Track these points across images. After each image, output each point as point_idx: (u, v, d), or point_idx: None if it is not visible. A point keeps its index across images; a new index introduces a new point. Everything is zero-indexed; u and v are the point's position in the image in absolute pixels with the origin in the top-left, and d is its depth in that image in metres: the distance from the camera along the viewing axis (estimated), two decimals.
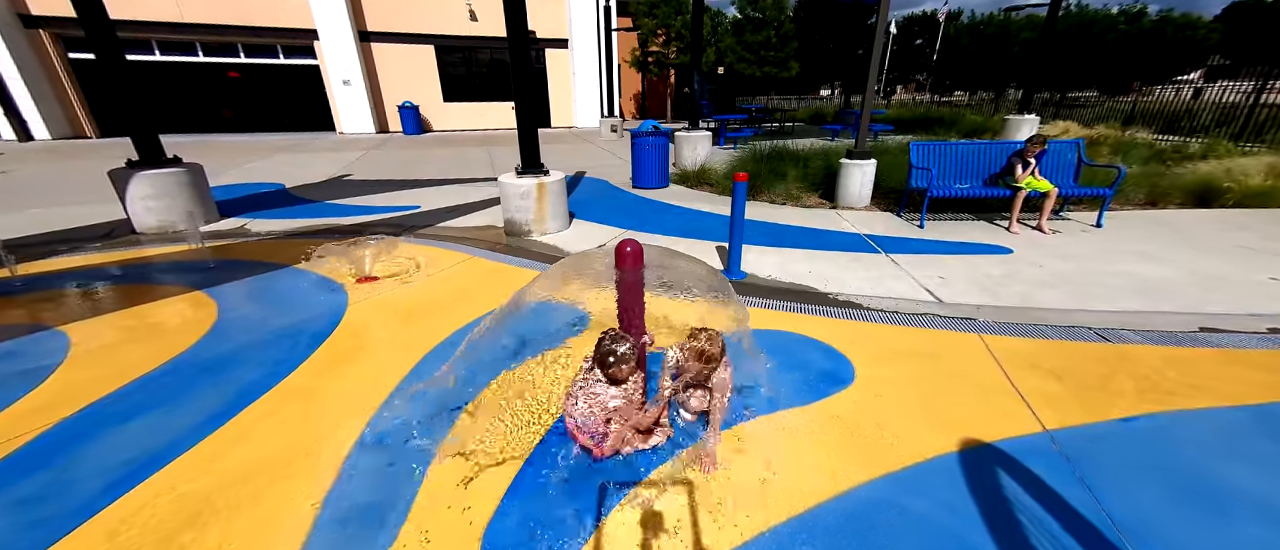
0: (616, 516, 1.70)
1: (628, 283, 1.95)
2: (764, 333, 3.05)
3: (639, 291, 2.02)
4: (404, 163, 9.97)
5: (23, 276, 3.80)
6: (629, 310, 2.01)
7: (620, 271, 1.93)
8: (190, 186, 5.41)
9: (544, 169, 5.21)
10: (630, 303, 2.00)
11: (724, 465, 1.93)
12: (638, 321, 2.06)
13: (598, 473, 1.89)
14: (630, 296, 1.99)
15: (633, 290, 1.99)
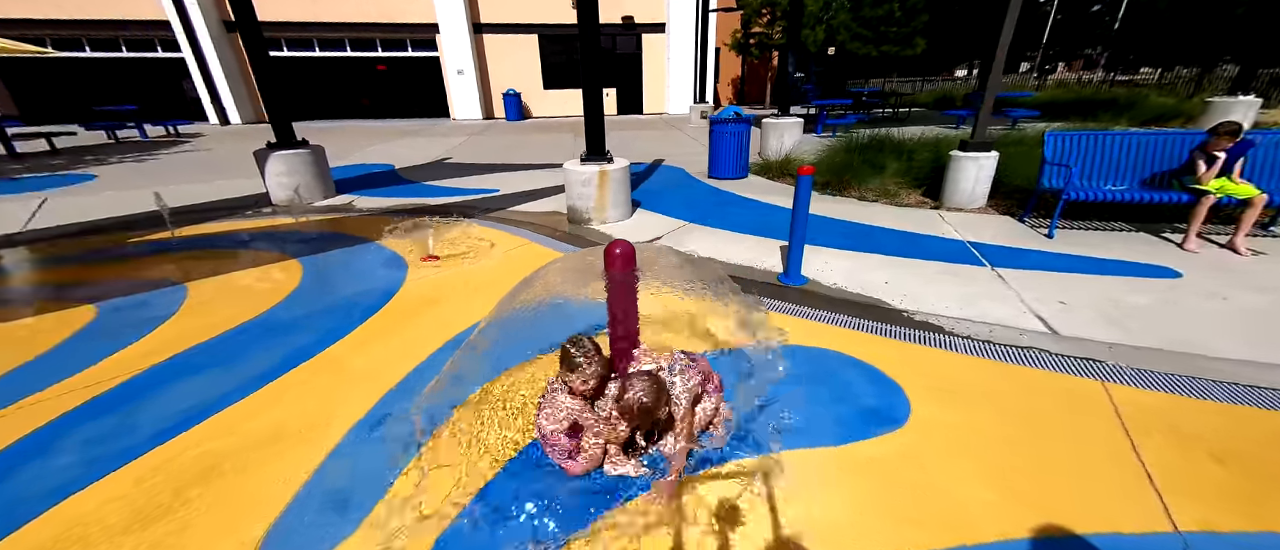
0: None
1: (618, 286, 1.76)
2: (807, 350, 2.67)
3: (631, 296, 1.82)
4: (499, 148, 10.60)
5: (179, 237, 4.64)
6: (620, 316, 1.82)
7: (609, 274, 1.75)
8: (313, 165, 6.21)
9: (608, 156, 5.12)
10: (621, 308, 1.81)
11: (695, 505, 1.68)
12: (630, 328, 1.86)
13: (571, 492, 1.75)
14: (620, 301, 1.80)
15: (623, 294, 1.79)
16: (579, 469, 1.77)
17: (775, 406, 2.18)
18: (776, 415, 2.13)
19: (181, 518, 1.63)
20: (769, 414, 2.14)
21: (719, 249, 4.28)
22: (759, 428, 2.06)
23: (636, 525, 1.62)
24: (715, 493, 1.75)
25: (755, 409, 2.17)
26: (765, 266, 3.88)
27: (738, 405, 2.16)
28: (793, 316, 3.07)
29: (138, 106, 12.53)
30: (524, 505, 1.69)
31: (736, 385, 2.31)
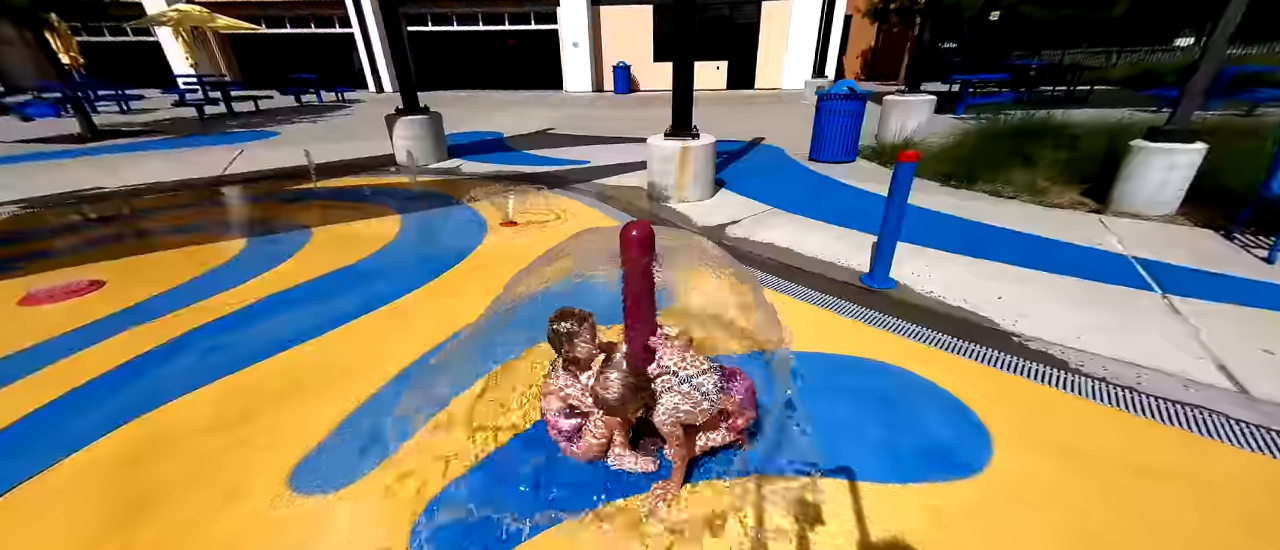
0: (548, 537, 1.51)
1: (634, 271, 1.63)
2: (875, 366, 2.30)
3: (648, 282, 1.67)
4: (600, 120, 10.78)
5: (319, 188, 5.45)
6: (636, 303, 1.69)
7: (625, 258, 1.61)
8: (430, 131, 6.86)
9: (694, 132, 4.88)
10: (636, 294, 1.67)
11: (697, 518, 1.52)
12: (646, 317, 1.72)
13: (569, 476, 1.71)
14: (635, 288, 1.66)
15: (640, 280, 1.65)
16: (579, 455, 1.72)
17: (824, 425, 1.91)
18: (823, 434, 1.86)
19: (240, 434, 1.90)
20: (817, 432, 1.87)
21: (799, 239, 3.88)
22: (797, 444, 1.81)
23: (621, 525, 1.53)
24: (725, 507, 1.58)
25: (795, 422, 1.92)
26: (849, 264, 3.43)
27: (774, 413, 1.93)
28: (867, 324, 2.67)
29: (317, 76, 14.93)
30: (520, 480, 1.69)
31: (769, 392, 2.07)
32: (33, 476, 1.72)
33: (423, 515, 1.57)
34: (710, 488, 1.67)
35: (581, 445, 1.69)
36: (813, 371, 2.25)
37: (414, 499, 1.62)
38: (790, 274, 3.34)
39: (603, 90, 17.44)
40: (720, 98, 14.85)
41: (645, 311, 1.71)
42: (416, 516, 1.56)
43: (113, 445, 1.86)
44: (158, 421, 1.98)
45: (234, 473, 1.72)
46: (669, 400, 1.55)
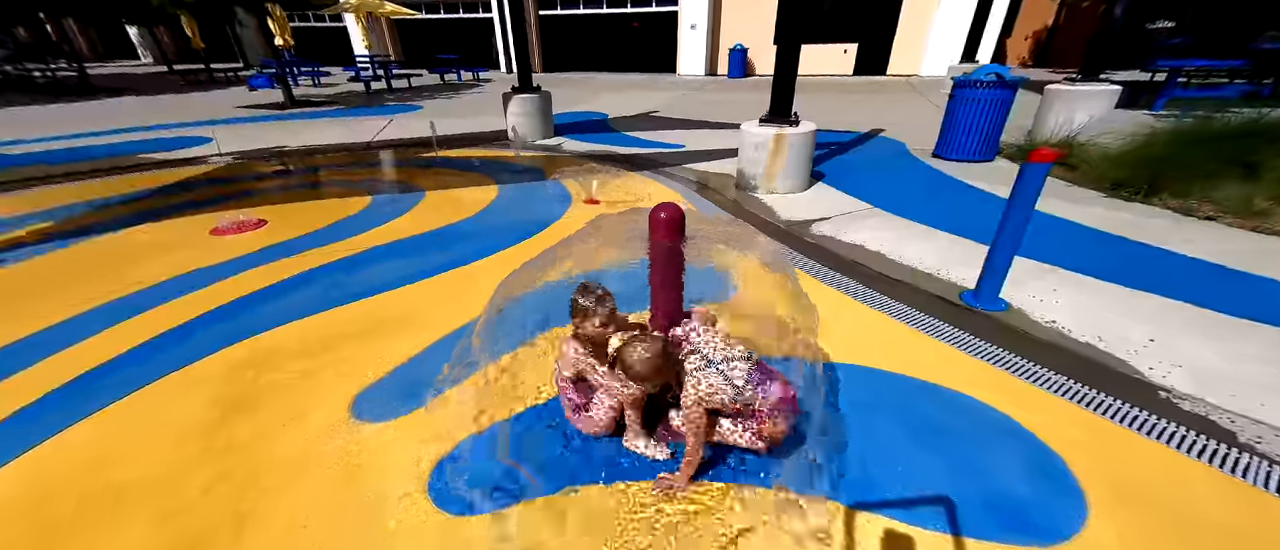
0: (530, 506, 1.54)
1: (660, 256, 1.57)
2: (954, 397, 1.99)
3: (675, 267, 1.60)
4: (708, 103, 10.54)
5: (439, 156, 6.11)
6: (662, 289, 1.63)
7: (653, 242, 1.56)
8: (539, 109, 7.28)
9: (792, 119, 4.55)
10: (664, 280, 1.62)
11: (698, 519, 1.44)
12: (673, 304, 1.66)
13: (579, 448, 1.73)
14: (662, 272, 1.60)
15: (667, 265, 1.59)
16: (583, 427, 1.73)
17: (874, 452, 1.70)
18: (869, 462, 1.66)
19: (319, 362, 2.23)
20: (862, 459, 1.68)
21: (895, 244, 3.44)
22: (835, 464, 1.64)
23: (617, 508, 1.51)
24: (728, 515, 1.49)
25: (833, 440, 1.73)
26: (951, 277, 2.97)
27: (812, 427, 1.75)
28: (958, 348, 2.30)
29: (459, 56, 16.64)
30: (537, 444, 1.76)
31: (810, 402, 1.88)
32: (179, 369, 2.20)
33: (447, 457, 1.71)
34: (720, 491, 1.57)
35: (586, 417, 1.70)
36: (874, 392, 2.01)
37: (444, 439, 1.77)
38: (875, 281, 2.98)
39: (716, 74, 17.00)
40: (844, 84, 13.63)
41: (672, 295, 1.65)
42: (443, 455, 1.71)
43: (237, 353, 2.30)
44: (271, 339, 2.40)
45: (313, 393, 2.03)
46: (694, 381, 1.49)
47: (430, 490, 1.59)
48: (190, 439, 1.81)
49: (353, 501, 1.56)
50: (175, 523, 1.50)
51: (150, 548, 1.43)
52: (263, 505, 1.55)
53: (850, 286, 2.91)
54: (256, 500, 1.57)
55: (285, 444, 1.78)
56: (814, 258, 3.32)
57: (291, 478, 1.64)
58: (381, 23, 20.45)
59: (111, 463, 1.72)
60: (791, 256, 3.34)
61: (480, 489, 1.58)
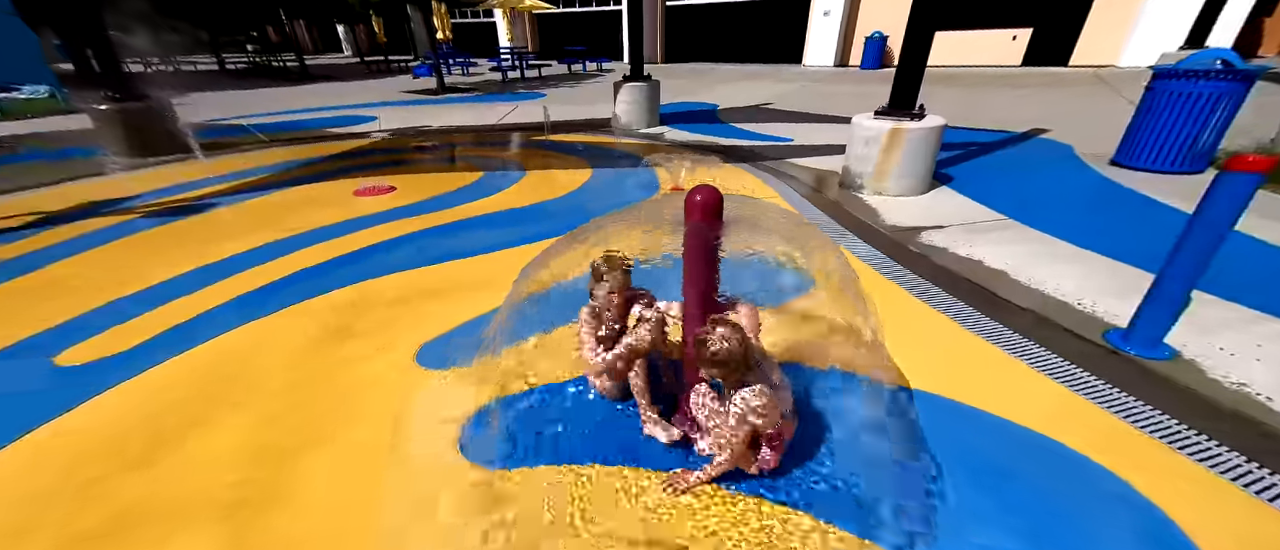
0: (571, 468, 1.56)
1: (695, 243, 1.48)
2: (1071, 461, 1.61)
3: (709, 256, 1.50)
4: (829, 96, 9.74)
5: (548, 139, 6.50)
6: (695, 280, 1.54)
7: (688, 227, 1.47)
8: (646, 99, 7.36)
9: (916, 112, 4.00)
10: (697, 270, 1.52)
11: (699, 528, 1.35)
12: (705, 295, 1.56)
13: (600, 424, 1.73)
14: (696, 261, 1.51)
15: (701, 254, 1.49)
16: (593, 374, 1.78)
17: (956, 504, 1.46)
18: (946, 520, 1.42)
19: (404, 311, 2.52)
20: (939, 507, 1.45)
21: (1023, 263, 2.86)
22: (876, 498, 1.44)
23: (618, 493, 1.48)
24: (736, 532, 1.38)
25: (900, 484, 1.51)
26: (1094, 310, 2.39)
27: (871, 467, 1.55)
28: (1089, 399, 1.85)
29: (585, 47, 17.51)
30: (556, 414, 1.81)
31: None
32: (302, 301, 2.64)
33: (480, 411, 1.83)
34: (727, 499, 1.46)
35: (597, 358, 1.68)
36: (956, 430, 1.69)
37: (479, 395, 1.89)
38: (991, 306, 2.51)
39: (847, 65, 15.61)
40: (1009, 76, 11.63)
41: (706, 286, 1.55)
42: (478, 408, 1.83)
43: (347, 294, 2.70)
44: (374, 286, 2.78)
45: (391, 336, 2.30)
46: (750, 394, 1.33)
47: (461, 440, 1.71)
48: (293, 356, 2.19)
49: (391, 432, 1.74)
50: (263, 417, 1.82)
51: (238, 433, 1.76)
52: (326, 422, 1.81)
53: (953, 306, 2.49)
54: (320, 416, 1.84)
55: (355, 374, 2.06)
56: (915, 270, 2.90)
57: (352, 406, 1.89)
58: (524, 18, 22.29)
59: (239, 360, 2.15)
60: (887, 267, 2.95)
61: (495, 446, 1.67)
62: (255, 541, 1.39)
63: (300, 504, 1.50)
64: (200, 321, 2.49)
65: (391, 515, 1.46)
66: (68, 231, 3.65)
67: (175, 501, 1.52)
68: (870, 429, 1.71)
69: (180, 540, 1.40)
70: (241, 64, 19.34)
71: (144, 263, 3.12)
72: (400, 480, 1.57)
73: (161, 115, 5.93)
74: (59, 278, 3.00)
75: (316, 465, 1.64)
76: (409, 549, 1.37)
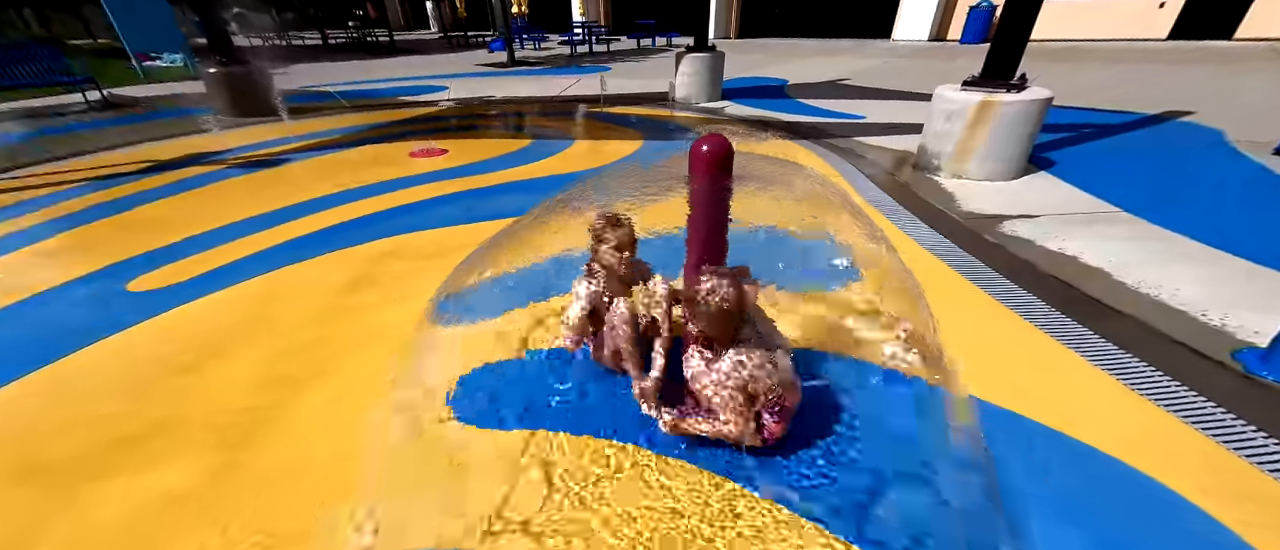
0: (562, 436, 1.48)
1: (702, 198, 1.30)
2: (1185, 512, 1.29)
3: (717, 211, 1.32)
4: (916, 71, 8.80)
5: (602, 111, 6.40)
6: (701, 239, 1.37)
7: (693, 179, 1.30)
8: (708, 71, 7.01)
9: (1015, 83, 3.44)
10: (703, 227, 1.35)
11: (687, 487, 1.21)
12: (714, 258, 1.38)
13: (604, 395, 1.63)
14: (702, 217, 1.33)
15: (708, 209, 1.32)
16: (570, 336, 1.66)
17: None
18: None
19: (431, 264, 2.55)
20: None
21: (1131, 262, 2.38)
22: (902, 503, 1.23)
23: (609, 462, 1.37)
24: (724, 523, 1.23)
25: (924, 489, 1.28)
26: (1224, 324, 1.92)
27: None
28: (1207, 433, 1.49)
29: (654, 21, 17.11)
30: (563, 382, 1.72)
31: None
32: (346, 248, 2.75)
33: (479, 369, 1.79)
34: (708, 482, 1.30)
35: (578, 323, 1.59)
36: (1030, 453, 1.41)
37: (483, 353, 1.85)
38: (1085, 312, 2.09)
39: (944, 39, 14.02)
40: (1148, 52, 9.87)
41: (713, 247, 1.38)
42: (474, 367, 1.79)
43: (384, 244, 2.79)
44: (410, 240, 2.85)
45: (414, 287, 2.33)
46: (743, 356, 1.24)
47: (452, 396, 1.68)
48: (323, 297, 2.29)
49: (391, 381, 1.75)
50: (281, 349, 1.90)
51: (254, 364, 1.85)
52: (337, 358, 1.86)
53: (1030, 306, 2.11)
54: (333, 352, 1.89)
55: (370, 320, 2.11)
56: (989, 261, 2.50)
57: (367, 351, 1.93)
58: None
59: (275, 297, 2.28)
60: (953, 256, 2.57)
61: (484, 407, 1.62)
62: (248, 459, 1.45)
63: (291, 430, 1.55)
64: (253, 259, 2.68)
65: (371, 456, 1.46)
66: (168, 177, 4.09)
67: (183, 421, 1.62)
68: (921, 440, 1.47)
69: (181, 456, 1.49)
70: (340, 39, 20.96)
71: (221, 206, 3.42)
72: (382, 421, 1.58)
73: (258, 81, 6.51)
74: (153, 216, 3.37)
75: (316, 396, 1.69)
76: (380, 490, 1.35)
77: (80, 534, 1.29)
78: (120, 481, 1.42)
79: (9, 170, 4.40)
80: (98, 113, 7.00)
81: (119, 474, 1.45)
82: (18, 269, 2.70)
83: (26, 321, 2.21)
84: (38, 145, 5.20)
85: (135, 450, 1.52)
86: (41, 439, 1.58)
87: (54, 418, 1.67)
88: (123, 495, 1.38)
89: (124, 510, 1.34)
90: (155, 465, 1.47)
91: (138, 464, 1.48)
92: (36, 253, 2.89)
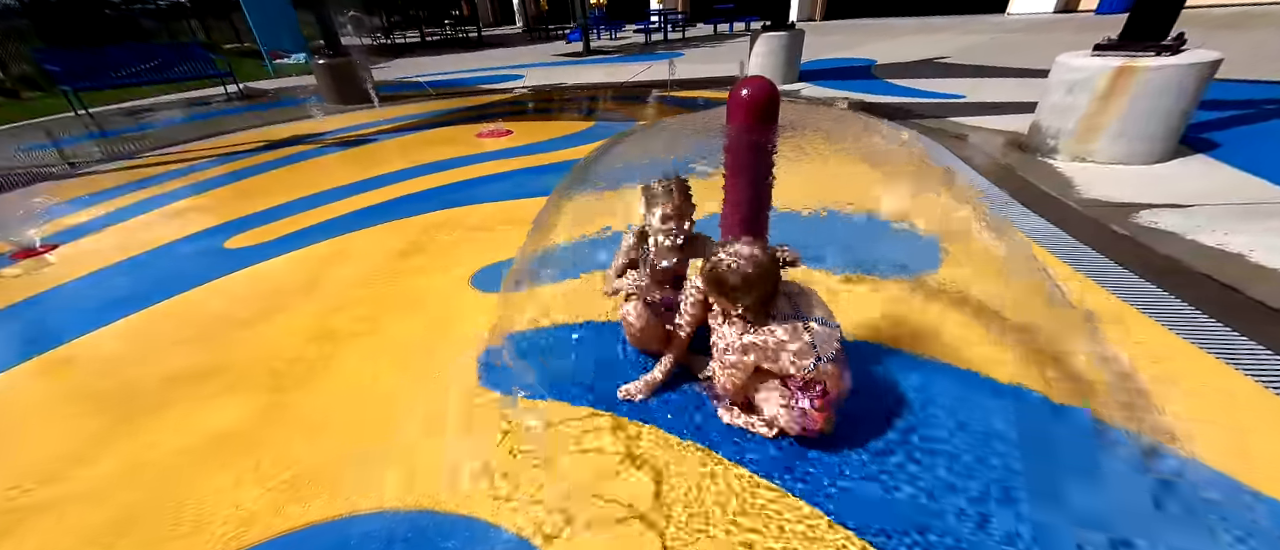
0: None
1: (739, 151, 1.14)
2: None
3: (757, 165, 1.14)
4: (1034, 47, 7.65)
5: (669, 95, 6.24)
6: (741, 197, 1.20)
7: (730, 131, 1.13)
8: (786, 50, 6.58)
9: (1168, 44, 2.81)
10: (741, 181, 1.18)
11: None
12: (754, 218, 1.21)
13: (630, 366, 1.52)
14: (741, 172, 1.16)
15: (748, 163, 1.15)
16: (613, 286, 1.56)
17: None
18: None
19: (477, 235, 2.60)
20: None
21: None
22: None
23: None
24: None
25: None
26: None
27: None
28: None
29: (733, 5, 16.50)
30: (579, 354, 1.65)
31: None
32: (405, 218, 2.88)
33: (510, 338, 1.76)
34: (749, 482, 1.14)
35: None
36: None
37: (511, 324, 1.82)
38: (1243, 315, 1.64)
39: (1074, 11, 12.11)
40: None
41: (753, 207, 1.21)
42: (503, 336, 1.76)
43: (438, 216, 2.88)
44: (461, 212, 2.92)
45: (458, 257, 2.37)
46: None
47: (481, 361, 1.66)
48: (377, 260, 2.41)
49: (429, 344, 1.77)
50: (333, 306, 1.99)
51: (309, 318, 1.96)
52: (382, 320, 1.92)
53: (1179, 314, 1.68)
54: (380, 315, 1.95)
55: (415, 284, 2.16)
56: (1117, 258, 2.05)
57: (408, 313, 1.97)
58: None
59: (341, 263, 2.42)
60: (1066, 249, 2.14)
61: (509, 373, 1.57)
62: (289, 400, 1.53)
63: (326, 382, 1.62)
64: (328, 225, 2.89)
65: (403, 413, 1.47)
66: (276, 154, 4.58)
67: (246, 363, 1.75)
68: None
69: (236, 396, 1.59)
70: (436, 36, 22.58)
71: (312, 178, 3.76)
72: (413, 380, 1.59)
73: (356, 71, 7.14)
74: (259, 186, 3.77)
75: (356, 349, 1.76)
76: (409, 449, 1.35)
77: (135, 454, 1.42)
78: (177, 412, 1.56)
79: (164, 147, 5.18)
80: (234, 102, 8.07)
81: (179, 408, 1.58)
82: (149, 226, 3.13)
83: (145, 269, 2.55)
84: (186, 129, 6.08)
85: (198, 385, 1.67)
86: (124, 367, 1.79)
87: (137, 352, 1.88)
88: (177, 427, 1.51)
89: (178, 443, 1.46)
90: (212, 402, 1.59)
91: (199, 398, 1.61)
92: (166, 213, 3.34)
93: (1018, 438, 1.22)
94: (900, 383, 1.42)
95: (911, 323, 1.70)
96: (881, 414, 1.31)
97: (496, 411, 1.44)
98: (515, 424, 1.39)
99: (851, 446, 1.22)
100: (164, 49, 8.72)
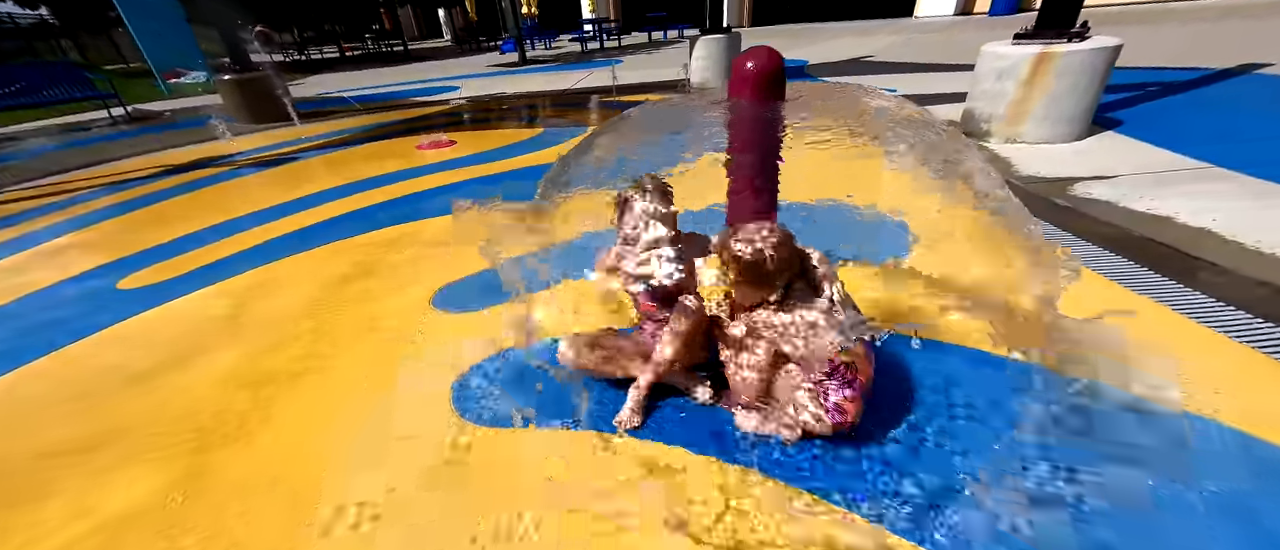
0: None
1: (744, 125, 1.04)
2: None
3: (765, 140, 1.05)
4: (946, 45, 8.30)
5: (613, 100, 6.17)
6: (744, 177, 1.10)
7: (733, 104, 1.04)
8: (724, 53, 6.71)
9: (1075, 31, 3.07)
10: (747, 160, 1.08)
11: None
12: (762, 201, 1.12)
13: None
14: (746, 148, 1.07)
15: (753, 139, 1.05)
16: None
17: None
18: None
19: (434, 252, 2.36)
20: None
21: (1242, 218, 2.01)
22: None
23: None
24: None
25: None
26: None
27: None
28: None
29: (665, 14, 16.82)
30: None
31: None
32: (349, 238, 2.58)
33: (489, 360, 1.56)
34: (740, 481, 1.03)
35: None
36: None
37: (481, 348, 1.63)
38: (1190, 275, 1.76)
39: (971, 12, 13.37)
40: (1240, 6, 9.07)
41: (761, 189, 1.12)
42: (473, 364, 1.57)
43: (388, 233, 2.62)
44: (413, 227, 2.67)
45: (414, 276, 2.13)
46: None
47: (454, 392, 1.45)
48: (320, 288, 2.10)
49: (392, 376, 1.53)
50: (265, 346, 1.70)
51: (232, 366, 1.66)
52: (332, 355, 1.66)
53: (1122, 271, 1.78)
54: (327, 350, 1.68)
55: (369, 310, 1.90)
56: (1063, 226, 2.17)
57: (361, 344, 1.72)
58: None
59: (270, 294, 2.09)
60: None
61: (483, 400, 1.39)
62: (217, 461, 1.25)
63: (266, 436, 1.34)
64: (249, 254, 2.52)
65: (353, 452, 1.24)
66: (177, 180, 4.02)
67: (154, 424, 1.43)
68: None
69: (142, 465, 1.29)
70: (357, 51, 21.34)
71: (223, 203, 3.31)
72: (378, 420, 1.36)
73: (269, 86, 6.49)
74: (159, 215, 3.27)
75: (302, 392, 1.49)
76: (352, 495, 1.13)
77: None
78: (67, 496, 1.24)
79: (32, 179, 4.41)
80: (122, 126, 7.11)
81: (66, 488, 1.26)
82: (21, 268, 2.60)
83: (14, 321, 2.09)
84: (61, 157, 5.24)
85: (91, 458, 1.34)
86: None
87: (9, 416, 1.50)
88: (72, 512, 1.19)
89: (79, 530, 1.15)
90: (109, 476, 1.28)
91: (91, 474, 1.29)
92: (41, 253, 2.80)
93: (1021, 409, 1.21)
94: (914, 368, 1.38)
95: (926, 309, 1.69)
96: (905, 401, 1.26)
97: (490, 442, 1.26)
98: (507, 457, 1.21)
99: (880, 441, 1.15)
100: (27, 70, 7.55)
